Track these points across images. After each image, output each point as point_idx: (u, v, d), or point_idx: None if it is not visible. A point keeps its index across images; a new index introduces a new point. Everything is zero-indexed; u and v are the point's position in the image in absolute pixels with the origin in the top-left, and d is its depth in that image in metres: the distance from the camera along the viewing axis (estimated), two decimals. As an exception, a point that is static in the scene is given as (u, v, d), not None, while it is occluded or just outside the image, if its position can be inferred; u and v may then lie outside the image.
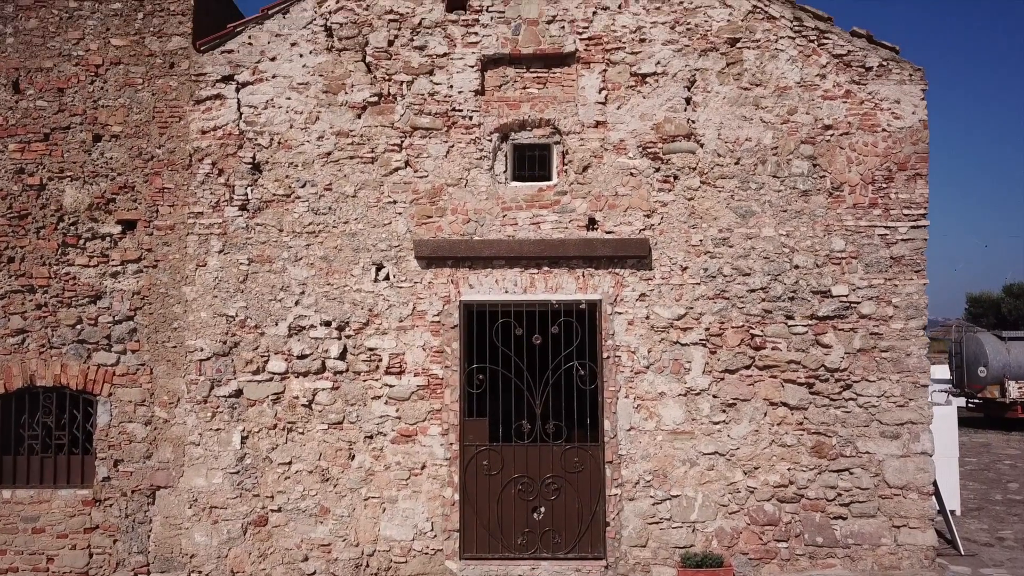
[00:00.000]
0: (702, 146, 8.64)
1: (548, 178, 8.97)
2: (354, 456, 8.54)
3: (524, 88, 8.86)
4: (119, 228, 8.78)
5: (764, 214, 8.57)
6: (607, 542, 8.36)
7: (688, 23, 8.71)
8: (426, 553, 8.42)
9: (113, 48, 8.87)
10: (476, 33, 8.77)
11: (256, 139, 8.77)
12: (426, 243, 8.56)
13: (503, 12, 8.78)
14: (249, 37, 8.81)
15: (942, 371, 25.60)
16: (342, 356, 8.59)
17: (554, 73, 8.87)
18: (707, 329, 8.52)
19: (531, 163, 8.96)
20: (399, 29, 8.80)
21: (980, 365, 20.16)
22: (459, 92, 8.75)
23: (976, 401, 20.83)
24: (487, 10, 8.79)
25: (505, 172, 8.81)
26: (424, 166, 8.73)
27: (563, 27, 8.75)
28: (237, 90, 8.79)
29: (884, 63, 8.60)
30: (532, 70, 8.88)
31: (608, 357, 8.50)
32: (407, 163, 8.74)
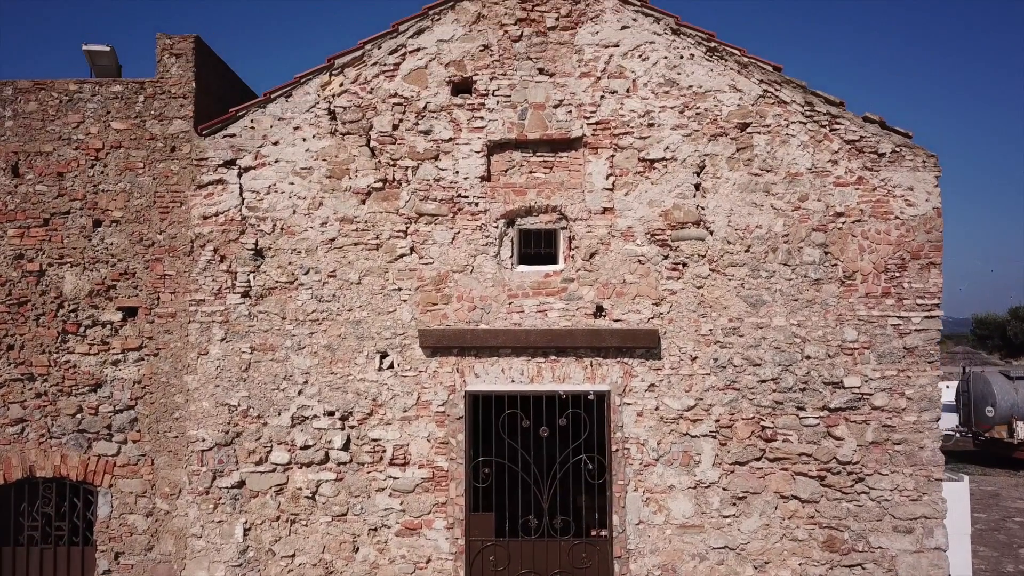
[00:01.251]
0: (712, 233, 8.50)
1: (554, 258, 8.85)
2: (358, 549, 8.40)
3: (531, 172, 8.73)
4: (120, 315, 8.65)
5: (775, 303, 8.43)
6: (615, 638, 8.22)
7: (697, 107, 8.57)
8: (431, 649, 8.29)
9: (114, 132, 8.74)
10: (482, 118, 8.64)
11: (259, 225, 8.64)
12: (431, 333, 8.42)
13: (509, 96, 8.65)
14: (251, 121, 8.68)
15: (948, 394, 25.48)
16: (346, 447, 8.46)
17: (560, 157, 8.74)
18: (717, 420, 8.38)
19: (537, 242, 8.83)
20: (404, 113, 8.67)
21: (988, 405, 19.98)
22: (465, 178, 8.62)
23: (983, 439, 20.65)
24: (493, 94, 8.66)
25: (511, 257, 8.67)
26: (429, 252, 8.60)
27: (570, 111, 8.62)
28: (239, 175, 8.66)
29: (897, 149, 8.45)
30: (539, 154, 8.75)
31: (617, 450, 8.36)
32: (412, 249, 8.60)
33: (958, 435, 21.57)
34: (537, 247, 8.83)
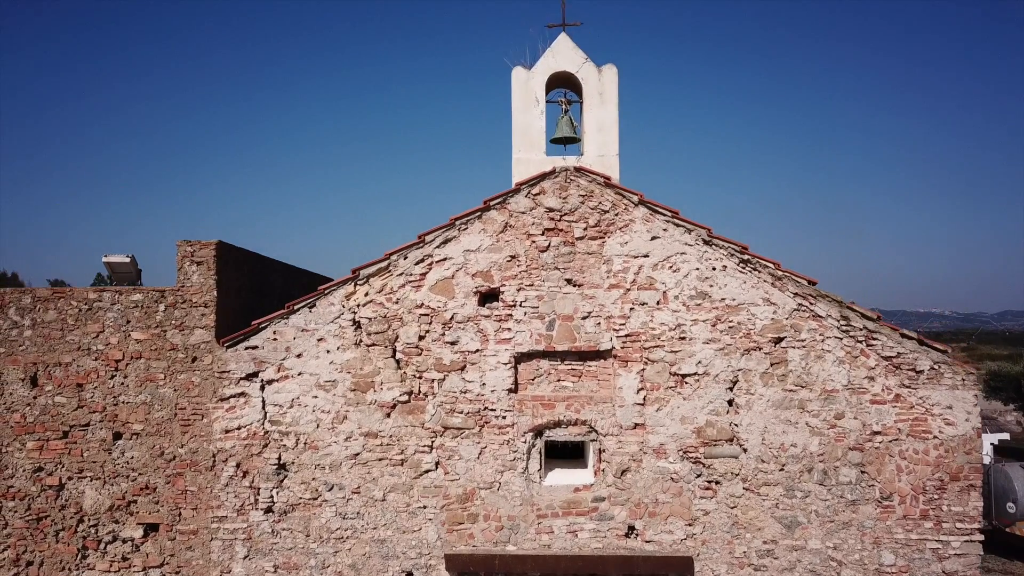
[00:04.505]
0: (745, 451, 8.30)
1: (583, 465, 8.67)
2: None
3: (559, 380, 8.55)
4: (140, 531, 8.48)
5: (811, 525, 8.22)
6: None
7: (730, 321, 8.38)
8: None
9: (134, 342, 8.58)
10: (509, 329, 8.46)
11: (282, 440, 8.46)
12: (458, 557, 8.23)
13: (537, 307, 8.47)
14: (274, 333, 8.51)
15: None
16: (371, 670, 8.27)
17: (589, 366, 8.55)
18: (752, 646, 8.17)
19: (565, 450, 8.65)
20: (430, 324, 8.49)
21: (1008, 500, 19.69)
22: (492, 391, 8.43)
23: (1004, 532, 20.33)
24: (520, 305, 8.48)
25: (539, 470, 8.48)
26: (456, 468, 8.41)
27: (599, 323, 8.43)
28: (262, 388, 8.49)
29: (935, 366, 8.24)
30: (567, 362, 8.57)
31: None
32: (438, 464, 8.42)
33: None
34: (565, 456, 8.66)
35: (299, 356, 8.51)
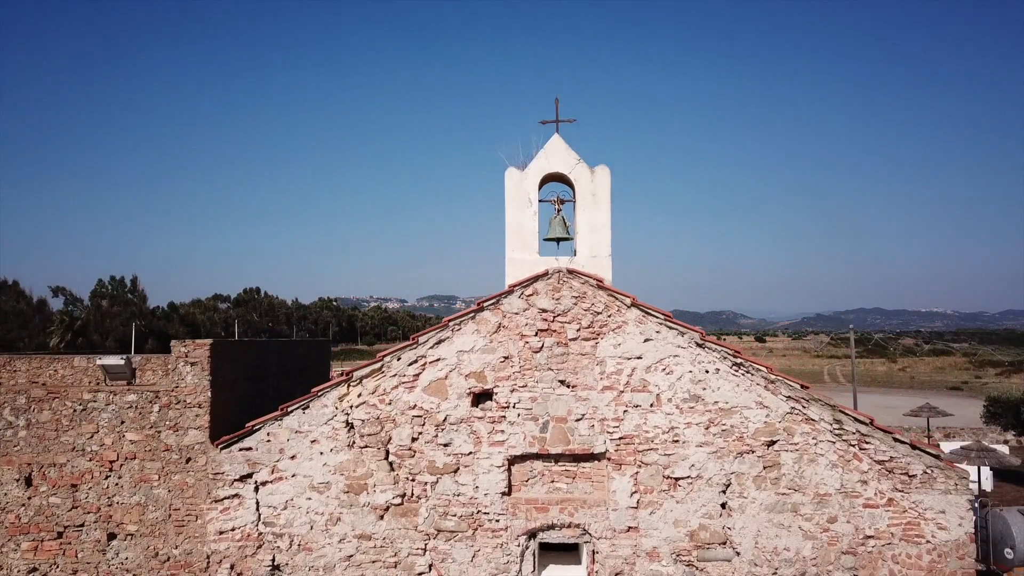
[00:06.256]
0: (739, 554, 8.31)
1: (577, 560, 8.67)
2: None
3: (552, 482, 8.56)
4: (135, 633, 8.49)
5: (804, 629, 8.23)
6: None
7: (723, 424, 8.39)
8: None
9: (128, 442, 8.60)
10: (503, 431, 8.47)
11: (275, 541, 8.48)
12: (452, 663, 8.23)
13: (530, 409, 8.48)
14: (268, 435, 8.53)
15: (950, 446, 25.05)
16: None
17: (583, 467, 8.56)
18: None
19: (559, 543, 8.64)
20: (423, 425, 8.51)
21: (1006, 546, 19.63)
22: (485, 494, 8.44)
23: None
24: (514, 406, 8.49)
25: (533, 573, 8.48)
26: (449, 571, 8.42)
27: (592, 425, 8.44)
28: (256, 489, 8.51)
29: (928, 470, 8.25)
30: (561, 463, 8.58)
31: None
32: (431, 567, 8.43)
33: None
34: (560, 547, 8.66)
35: (293, 457, 8.53)
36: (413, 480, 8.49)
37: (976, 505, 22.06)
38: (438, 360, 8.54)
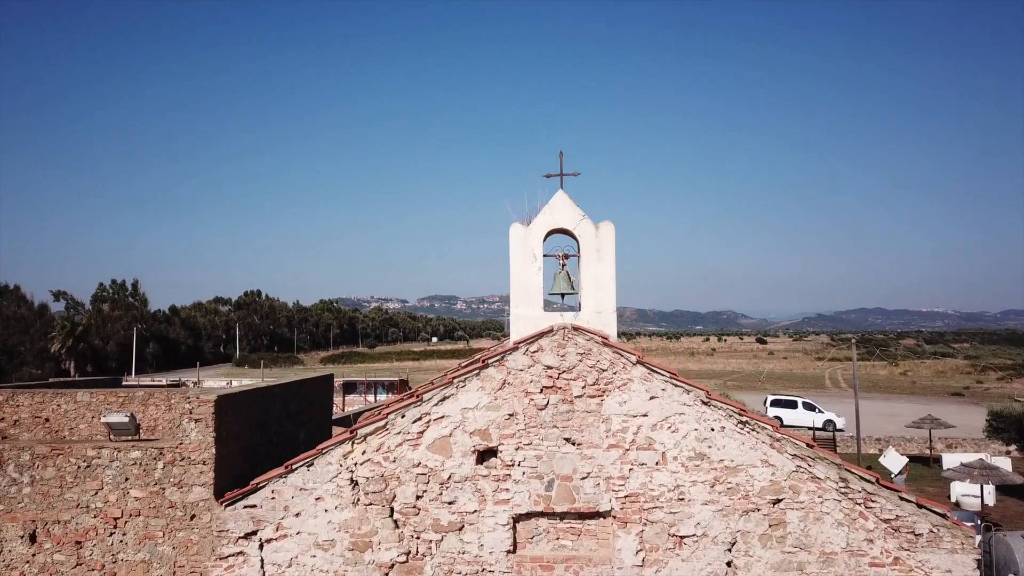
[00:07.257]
0: (744, 614, 8.29)
1: (582, 614, 8.64)
2: None
3: (557, 539, 8.54)
4: None
5: None
6: None
7: (729, 482, 8.37)
8: None
9: (132, 499, 8.59)
10: (508, 489, 8.45)
11: (280, 599, 8.45)
12: None
13: (535, 467, 8.46)
14: (272, 492, 8.51)
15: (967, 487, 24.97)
16: None
17: (588, 525, 8.54)
18: None
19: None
20: (428, 483, 8.49)
21: (1010, 572, 19.62)
22: (490, 552, 8.42)
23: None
24: (519, 464, 8.47)
25: (540, 632, 8.46)
26: (454, 630, 8.40)
27: (598, 484, 8.42)
28: (260, 547, 8.49)
29: (935, 530, 8.22)
30: (566, 520, 8.55)
31: None
32: (437, 626, 8.41)
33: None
34: None
35: (297, 515, 8.51)
36: (418, 538, 8.47)
37: (979, 526, 22.06)
38: (442, 417, 8.53)
